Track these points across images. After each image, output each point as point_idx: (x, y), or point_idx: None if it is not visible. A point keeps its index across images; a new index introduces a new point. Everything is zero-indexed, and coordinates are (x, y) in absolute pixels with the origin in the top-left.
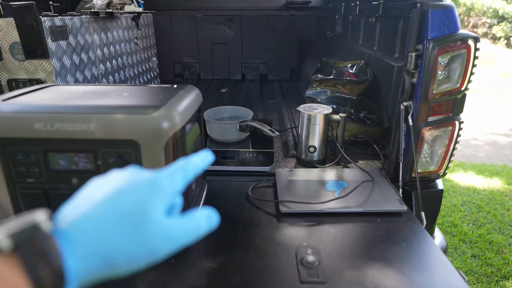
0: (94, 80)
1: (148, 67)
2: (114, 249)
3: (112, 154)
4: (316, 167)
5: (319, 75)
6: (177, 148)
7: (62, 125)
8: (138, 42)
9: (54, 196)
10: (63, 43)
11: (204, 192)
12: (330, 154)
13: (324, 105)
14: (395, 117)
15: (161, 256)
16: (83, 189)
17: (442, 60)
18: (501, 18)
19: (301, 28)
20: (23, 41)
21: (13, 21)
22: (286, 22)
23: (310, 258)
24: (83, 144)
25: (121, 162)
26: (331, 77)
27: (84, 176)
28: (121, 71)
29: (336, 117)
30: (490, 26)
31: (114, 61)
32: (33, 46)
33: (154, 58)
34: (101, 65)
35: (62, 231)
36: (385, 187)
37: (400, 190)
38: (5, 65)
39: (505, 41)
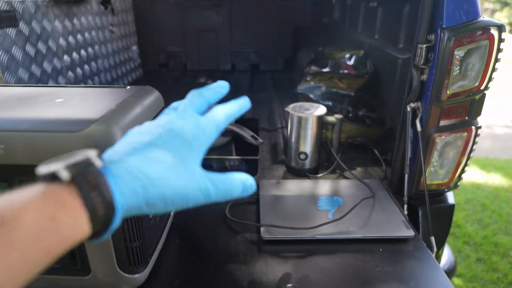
0: (57, 74)
1: (127, 57)
2: (151, 191)
3: (31, 182)
4: (308, 178)
5: (313, 67)
6: None
7: None
8: (113, 29)
9: None
10: (11, 31)
11: (169, 221)
12: (324, 160)
13: (317, 104)
14: (400, 120)
15: (192, 204)
16: (125, 135)
17: (459, 53)
18: (504, 4)
19: (295, 14)
20: None
21: None
22: (279, 7)
23: None
24: None
25: None
26: (327, 70)
27: None
28: (92, 62)
29: (331, 119)
30: (493, 12)
31: (82, 51)
32: None
33: (135, 47)
34: (65, 57)
35: (109, 169)
36: (387, 205)
37: (405, 207)
38: None
39: (509, 28)
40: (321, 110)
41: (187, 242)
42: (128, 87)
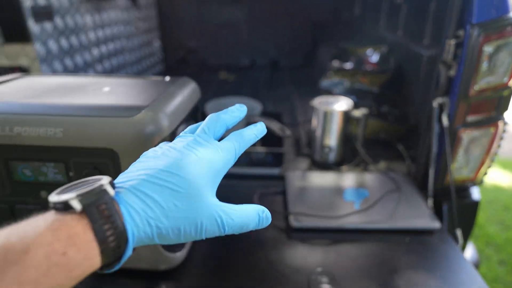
0: (87, 66)
1: (150, 52)
2: (164, 223)
3: (86, 164)
4: (333, 170)
5: (336, 63)
6: None
7: (24, 129)
8: (138, 24)
9: (21, 211)
10: (48, 25)
11: None
12: (348, 154)
13: (343, 98)
14: (426, 115)
15: (206, 237)
16: (140, 158)
17: (488, 49)
18: None
19: (315, 10)
20: (1, 23)
21: None
22: (299, 3)
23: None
24: (50, 152)
25: (97, 174)
26: (350, 66)
27: (54, 189)
28: (120, 56)
29: (356, 114)
30: None
31: (111, 45)
32: (12, 28)
33: (157, 42)
34: (95, 50)
35: (122, 198)
36: (413, 198)
37: (430, 200)
38: None
39: None
40: (347, 104)
41: None
42: (167, 78)
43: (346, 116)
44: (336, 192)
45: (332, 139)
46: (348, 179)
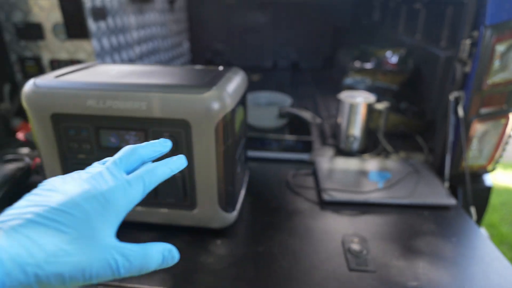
0: (130, 63)
1: (180, 52)
2: (46, 269)
3: (162, 132)
4: (357, 157)
5: (357, 63)
6: (227, 130)
7: (114, 102)
8: (171, 25)
9: None
10: (102, 24)
11: (247, 178)
12: (370, 144)
13: (366, 93)
14: (443, 108)
15: (97, 281)
16: (36, 189)
17: (500, 48)
18: None
19: (335, 15)
20: (66, 21)
21: (57, 2)
22: (320, 8)
23: (357, 247)
24: (134, 122)
25: (172, 141)
26: (371, 66)
27: None
28: (156, 55)
29: (378, 106)
30: None
31: (150, 44)
32: (75, 26)
33: (186, 44)
34: (137, 48)
35: None
36: (430, 180)
37: (446, 184)
38: (48, 45)
39: None
40: (370, 98)
41: (259, 198)
42: (221, 67)
43: (370, 108)
44: (361, 174)
45: (357, 129)
46: (372, 164)
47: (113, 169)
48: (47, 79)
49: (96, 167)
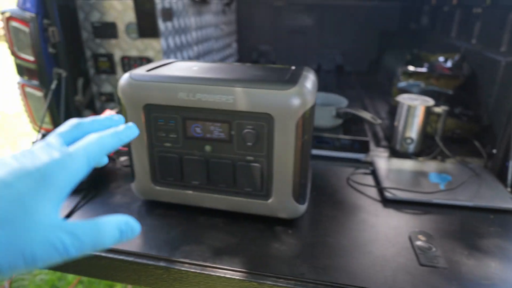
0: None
1: (229, 53)
2: None
3: (245, 125)
4: (413, 159)
5: (410, 67)
6: (305, 125)
7: (203, 95)
8: (223, 27)
9: (187, 160)
10: (169, 24)
11: (311, 173)
12: (425, 147)
13: (424, 97)
14: (504, 114)
15: (43, 265)
16: None
17: None
18: None
19: (382, 19)
20: (138, 21)
21: (130, 3)
22: (367, 12)
23: (425, 244)
24: (219, 114)
25: (253, 134)
26: (424, 70)
27: (217, 144)
28: (210, 55)
29: (437, 109)
30: None
31: (206, 44)
32: (147, 26)
33: (235, 45)
34: (195, 48)
35: None
36: (493, 184)
37: (509, 189)
38: (120, 43)
39: None
40: (429, 101)
41: (321, 193)
42: (293, 67)
43: (428, 111)
44: (421, 175)
45: (414, 132)
46: (430, 166)
47: (52, 143)
48: (141, 73)
49: (37, 144)
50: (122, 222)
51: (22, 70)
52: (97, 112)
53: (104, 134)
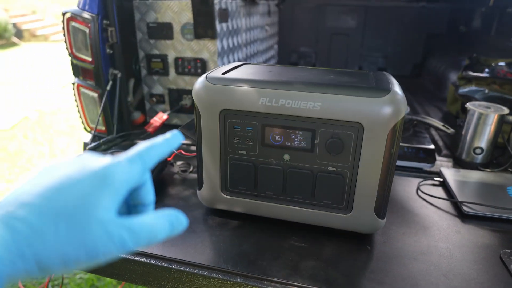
0: None
1: (271, 55)
2: (46, 250)
3: (331, 134)
4: (482, 170)
5: (470, 72)
6: (396, 136)
7: (287, 101)
8: (267, 28)
9: (263, 169)
10: (224, 25)
11: None
12: (493, 159)
13: (497, 105)
14: None
15: (104, 260)
16: (33, 174)
17: None
18: None
19: (430, 21)
20: (195, 22)
21: (187, 3)
22: (414, 14)
23: None
24: (303, 122)
25: (339, 143)
26: (486, 75)
27: (297, 154)
28: (256, 57)
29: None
30: None
31: (253, 46)
32: (204, 27)
33: (276, 46)
34: (244, 49)
35: None
36: None
37: None
38: (174, 44)
39: None
40: (503, 110)
41: (391, 205)
42: (371, 72)
43: (501, 119)
44: (498, 188)
45: (484, 141)
46: (506, 178)
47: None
48: (217, 76)
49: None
50: (172, 216)
51: (78, 70)
52: (146, 113)
53: (156, 142)
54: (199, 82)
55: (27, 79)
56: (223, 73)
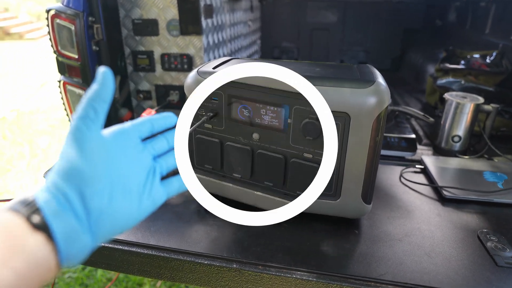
0: None
1: (253, 51)
2: (117, 217)
3: (307, 113)
4: (459, 157)
5: (447, 64)
6: (381, 125)
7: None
8: (250, 24)
9: (230, 148)
10: (209, 21)
11: None
12: (470, 146)
13: (473, 95)
14: None
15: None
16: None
17: None
18: None
19: (407, 16)
20: (181, 19)
21: (174, 0)
22: (391, 9)
23: (498, 244)
24: (275, 96)
25: (316, 126)
26: (462, 67)
27: (268, 133)
28: (239, 52)
29: (487, 107)
30: None
31: (237, 42)
32: (189, 23)
33: (259, 41)
34: (229, 45)
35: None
36: None
37: None
38: (160, 40)
39: None
40: (478, 99)
41: (376, 192)
42: (355, 65)
43: (477, 108)
44: (475, 174)
45: (462, 130)
46: (482, 164)
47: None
48: (208, 71)
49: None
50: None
51: (63, 67)
52: (133, 110)
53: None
54: (191, 76)
55: (2, 78)
56: (214, 68)
